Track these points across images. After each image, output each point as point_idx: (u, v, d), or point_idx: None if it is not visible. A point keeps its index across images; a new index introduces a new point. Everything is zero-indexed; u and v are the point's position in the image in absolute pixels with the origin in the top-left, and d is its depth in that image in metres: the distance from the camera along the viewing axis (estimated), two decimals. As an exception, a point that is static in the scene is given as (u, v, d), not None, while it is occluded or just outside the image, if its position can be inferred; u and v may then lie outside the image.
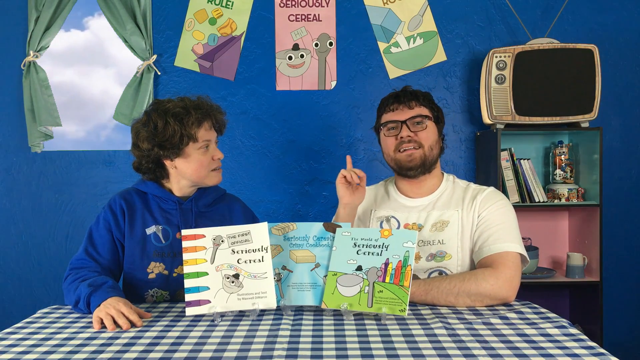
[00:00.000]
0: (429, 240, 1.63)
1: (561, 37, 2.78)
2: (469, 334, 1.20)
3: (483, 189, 1.68)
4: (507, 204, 1.65)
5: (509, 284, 1.46)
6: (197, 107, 1.62)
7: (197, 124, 1.59)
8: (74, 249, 2.90)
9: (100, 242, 1.61)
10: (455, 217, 1.64)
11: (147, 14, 2.83)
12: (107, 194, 2.89)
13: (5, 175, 2.91)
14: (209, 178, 1.66)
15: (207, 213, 1.70)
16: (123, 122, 2.85)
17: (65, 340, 1.22)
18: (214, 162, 1.65)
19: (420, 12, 2.87)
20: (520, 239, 1.59)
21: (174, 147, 1.58)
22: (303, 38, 2.87)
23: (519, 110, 2.60)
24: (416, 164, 1.65)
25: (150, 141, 1.58)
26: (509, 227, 1.59)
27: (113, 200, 1.66)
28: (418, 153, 1.65)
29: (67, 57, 2.94)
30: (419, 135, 1.65)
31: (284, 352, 1.10)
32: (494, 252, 1.54)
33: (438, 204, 1.68)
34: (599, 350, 1.08)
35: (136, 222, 1.63)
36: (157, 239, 1.63)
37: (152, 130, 1.58)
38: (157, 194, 1.66)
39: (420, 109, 1.68)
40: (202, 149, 1.62)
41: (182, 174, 1.64)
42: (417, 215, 1.67)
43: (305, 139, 2.90)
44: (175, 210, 1.66)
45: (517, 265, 1.52)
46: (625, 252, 2.90)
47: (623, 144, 2.89)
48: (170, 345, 1.16)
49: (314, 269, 1.41)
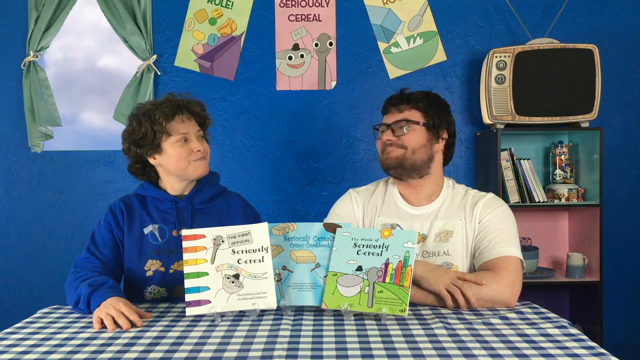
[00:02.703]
0: (433, 251, 1.62)
1: (561, 37, 2.78)
2: (469, 334, 1.20)
3: (482, 196, 1.67)
4: (507, 210, 1.65)
5: (511, 289, 1.45)
6: (166, 102, 1.66)
7: (164, 117, 1.62)
8: (74, 249, 2.90)
9: (101, 242, 1.65)
10: (459, 227, 1.62)
11: (147, 14, 2.83)
12: (107, 194, 2.89)
13: (5, 175, 2.91)
14: (191, 169, 1.66)
15: (204, 210, 1.72)
16: (123, 122, 2.85)
17: (65, 340, 1.22)
18: (194, 154, 1.65)
19: (420, 12, 2.87)
20: (519, 245, 1.59)
21: (149, 144, 1.63)
22: (303, 38, 2.87)
23: (519, 110, 2.60)
24: (392, 164, 1.64)
25: (128, 141, 1.66)
26: (509, 232, 1.59)
27: (113, 204, 1.72)
28: (395, 153, 1.63)
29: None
30: (401, 139, 1.63)
31: (284, 352, 1.10)
32: (495, 256, 1.54)
33: (440, 213, 1.66)
34: (599, 351, 1.08)
35: (134, 223, 1.67)
36: (154, 237, 1.66)
37: (130, 131, 1.65)
38: (154, 195, 1.70)
39: (410, 113, 1.65)
40: (179, 142, 1.63)
41: (166, 170, 1.68)
42: (420, 225, 1.65)
43: (305, 139, 2.90)
44: (172, 209, 1.68)
45: (519, 270, 1.51)
46: (625, 252, 2.90)
47: (623, 144, 2.89)
48: (170, 345, 1.16)
49: (314, 269, 1.41)
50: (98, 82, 3.03)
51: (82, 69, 3.03)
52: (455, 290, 1.40)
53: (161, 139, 1.63)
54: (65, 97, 3.01)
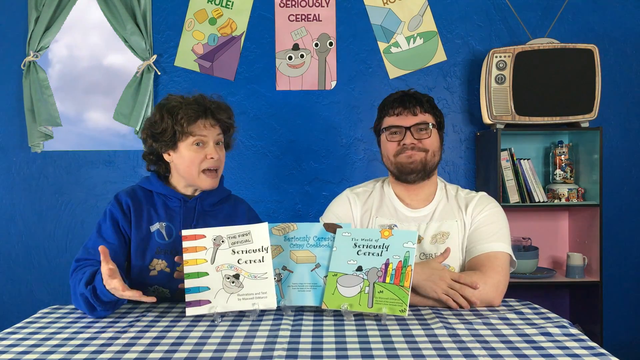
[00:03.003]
0: (430, 253, 1.62)
1: (561, 37, 2.78)
2: (469, 334, 1.20)
3: (473, 196, 1.68)
4: (497, 207, 1.66)
5: (495, 289, 1.45)
6: (193, 103, 1.62)
7: (187, 119, 1.58)
8: (74, 249, 2.90)
9: (107, 232, 1.59)
10: (454, 228, 1.63)
11: (147, 14, 2.83)
12: (107, 194, 2.89)
13: (5, 175, 2.91)
14: (200, 180, 1.63)
15: (212, 212, 1.69)
16: (123, 122, 2.85)
17: (65, 340, 1.22)
18: (207, 161, 1.62)
19: (420, 12, 2.87)
20: (509, 241, 1.59)
21: (166, 141, 1.61)
22: (303, 38, 2.87)
23: (519, 110, 2.60)
24: (417, 168, 1.63)
25: (146, 132, 1.65)
26: (498, 228, 1.60)
27: (119, 196, 1.65)
28: (419, 156, 1.63)
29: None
30: (423, 143, 1.64)
31: (284, 352, 1.10)
32: (482, 251, 1.55)
33: (436, 215, 1.66)
34: (600, 351, 1.08)
35: (142, 219, 1.63)
36: (161, 236, 1.62)
37: (152, 122, 1.64)
38: (163, 192, 1.66)
39: (425, 116, 1.65)
40: (194, 145, 1.61)
41: (178, 171, 1.65)
42: (416, 227, 1.65)
43: (305, 139, 2.90)
44: (180, 208, 1.66)
45: (505, 268, 1.52)
46: (625, 252, 2.90)
47: (623, 144, 2.89)
48: (170, 346, 1.16)
49: (314, 270, 1.41)
50: (104, 80, 3.02)
51: (87, 67, 3.02)
52: (454, 294, 1.41)
53: (179, 139, 1.61)
54: (70, 95, 3.00)
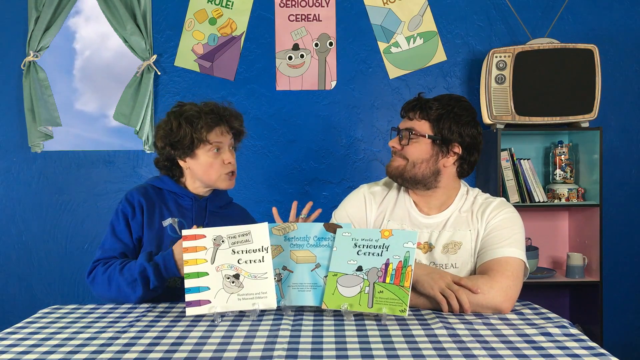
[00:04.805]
0: (441, 263, 1.58)
1: (561, 37, 2.78)
2: (469, 334, 1.20)
3: (490, 202, 1.61)
4: (513, 212, 1.60)
5: (503, 294, 1.38)
6: (211, 112, 1.69)
7: (207, 128, 1.66)
8: (74, 249, 2.90)
9: (122, 233, 1.66)
10: (467, 238, 1.57)
11: (147, 14, 2.83)
12: (107, 194, 2.89)
13: (5, 175, 2.91)
14: (219, 181, 1.72)
15: (220, 213, 1.77)
16: (123, 122, 2.85)
17: (65, 340, 1.22)
18: (224, 166, 1.70)
19: (420, 12, 2.87)
20: (523, 248, 1.52)
21: (184, 148, 1.67)
22: (303, 38, 2.87)
23: (519, 110, 2.60)
24: (392, 173, 1.61)
25: (164, 140, 1.70)
26: (512, 233, 1.53)
27: (130, 195, 1.70)
28: (397, 162, 1.60)
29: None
30: (405, 149, 1.59)
31: (284, 352, 1.10)
32: (493, 257, 1.49)
33: (449, 223, 1.60)
34: (600, 351, 1.08)
35: (154, 217, 1.69)
36: (173, 230, 1.68)
37: (168, 130, 1.68)
38: (174, 190, 1.74)
39: (419, 123, 1.59)
40: (212, 152, 1.69)
41: (194, 175, 1.73)
42: (428, 234, 1.61)
43: (305, 139, 2.90)
44: (191, 205, 1.73)
45: (516, 273, 1.44)
46: (625, 252, 2.90)
47: (623, 144, 2.89)
48: (170, 346, 1.16)
49: (314, 270, 1.41)
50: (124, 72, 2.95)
51: (112, 56, 3.00)
52: (450, 295, 1.36)
53: (197, 146, 1.67)
54: (95, 85, 2.98)
